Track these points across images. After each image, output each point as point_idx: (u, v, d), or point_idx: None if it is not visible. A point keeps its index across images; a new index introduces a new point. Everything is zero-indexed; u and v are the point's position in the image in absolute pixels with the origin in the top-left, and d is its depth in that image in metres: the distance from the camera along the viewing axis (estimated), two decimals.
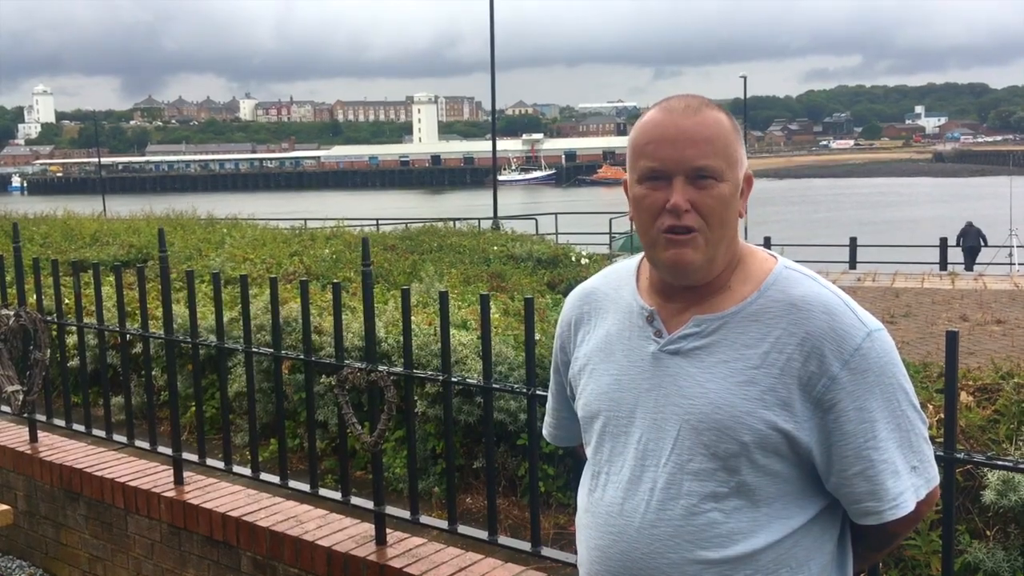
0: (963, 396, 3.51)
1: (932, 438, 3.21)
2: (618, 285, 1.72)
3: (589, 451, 1.72)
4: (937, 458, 2.25)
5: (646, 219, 1.56)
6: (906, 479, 1.54)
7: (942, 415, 3.32)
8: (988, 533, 3.04)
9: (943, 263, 18.49)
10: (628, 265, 1.75)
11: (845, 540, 1.65)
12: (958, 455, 2.18)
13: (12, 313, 4.49)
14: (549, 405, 1.95)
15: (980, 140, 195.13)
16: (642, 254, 1.71)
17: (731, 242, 1.58)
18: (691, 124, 1.52)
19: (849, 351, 1.50)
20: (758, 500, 1.53)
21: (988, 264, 19.40)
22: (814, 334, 1.51)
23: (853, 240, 19.14)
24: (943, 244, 18.90)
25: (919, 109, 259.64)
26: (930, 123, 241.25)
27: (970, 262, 20.82)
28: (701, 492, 1.53)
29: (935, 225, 31.36)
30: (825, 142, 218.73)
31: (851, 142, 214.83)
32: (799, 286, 1.56)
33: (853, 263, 18.75)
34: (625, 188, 1.63)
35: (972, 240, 21.54)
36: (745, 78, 41.97)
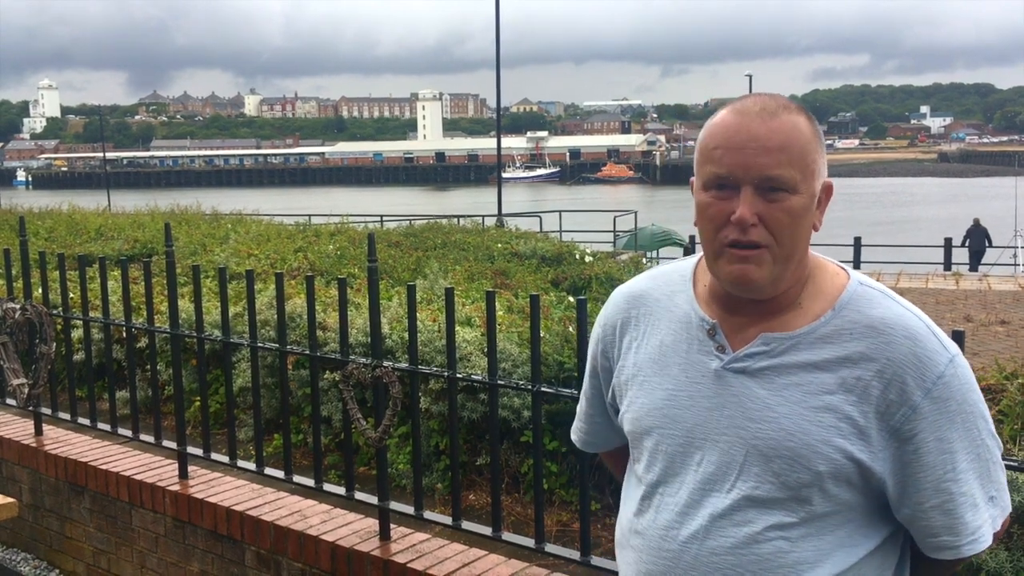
0: None
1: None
2: (671, 291, 1.60)
3: (639, 468, 1.61)
4: None
5: (709, 229, 1.44)
6: (984, 512, 1.47)
7: None
8: None
9: (947, 263, 18.48)
10: (682, 268, 1.63)
11: (904, 567, 1.58)
12: None
13: (18, 307, 4.51)
14: (582, 409, 1.82)
15: (985, 140, 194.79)
16: (696, 257, 1.62)
17: (802, 257, 1.46)
18: (765, 130, 1.40)
19: (932, 379, 1.40)
20: (824, 528, 1.45)
21: (993, 265, 19.36)
22: (896, 360, 1.40)
23: (857, 240, 19.13)
24: (947, 244, 18.88)
25: (924, 109, 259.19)
26: (935, 123, 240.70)
27: (975, 263, 20.79)
28: (767, 522, 1.44)
29: (939, 225, 31.31)
30: (830, 141, 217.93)
31: (856, 142, 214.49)
32: (878, 306, 1.45)
33: (857, 263, 18.74)
34: (693, 189, 1.51)
35: (978, 240, 21.50)
36: (750, 77, 41.91)
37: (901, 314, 1.45)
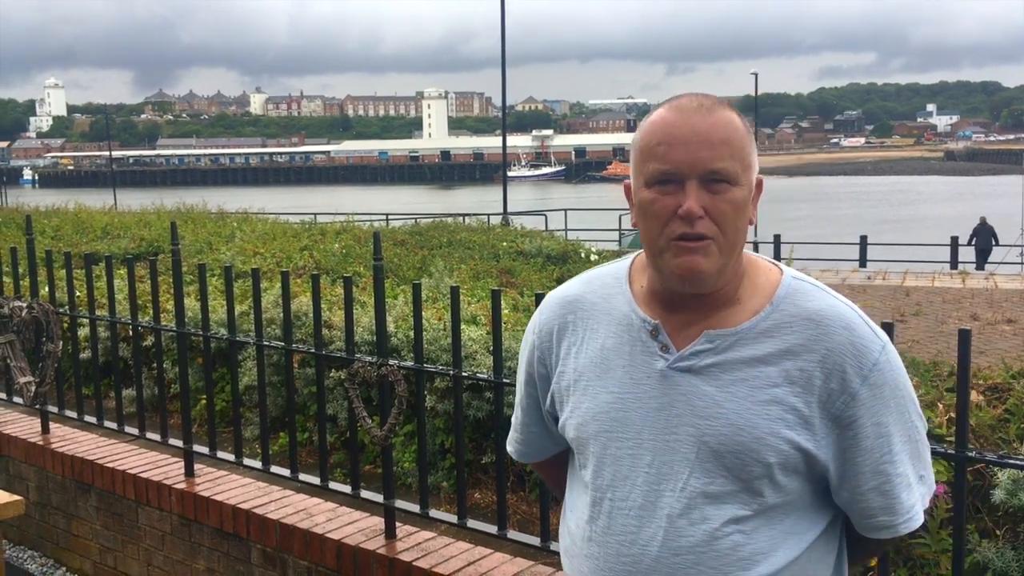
0: (973, 395, 3.50)
1: (943, 437, 3.21)
2: (607, 293, 1.60)
3: (586, 474, 1.60)
4: (948, 457, 2.26)
5: (654, 226, 1.45)
6: (916, 491, 1.53)
7: (952, 414, 3.32)
8: (997, 532, 3.03)
9: (954, 262, 18.44)
10: (615, 271, 1.63)
11: (843, 550, 1.63)
12: (970, 454, 2.18)
13: (25, 305, 4.52)
14: (517, 419, 1.79)
15: (992, 139, 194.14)
16: (629, 258, 1.64)
17: (741, 251, 1.49)
18: (706, 125, 1.43)
19: (868, 367, 1.45)
20: (775, 518, 1.49)
21: (999, 263, 19.32)
22: (835, 350, 1.45)
23: (863, 238, 19.09)
24: (954, 243, 18.84)
25: (931, 107, 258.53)
26: (942, 121, 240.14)
27: (981, 261, 20.75)
28: (723, 515, 1.47)
29: (946, 224, 31.23)
30: (836, 140, 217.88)
31: (862, 140, 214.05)
32: (813, 299, 1.49)
33: (863, 261, 18.70)
34: (627, 192, 1.54)
35: (984, 238, 21.46)
36: (756, 75, 41.86)
37: (835, 305, 1.49)
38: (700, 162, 1.42)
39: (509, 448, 1.86)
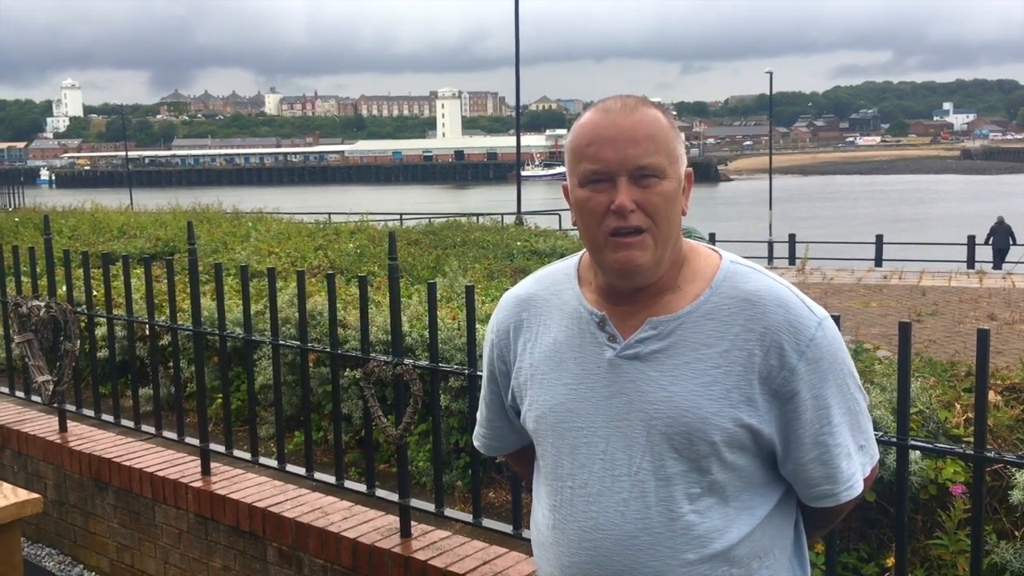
0: (991, 395, 3.48)
1: (960, 437, 3.19)
2: (557, 290, 1.67)
3: (545, 465, 1.66)
4: (967, 457, 2.24)
5: (591, 222, 1.52)
6: (856, 460, 1.58)
7: (970, 414, 3.30)
8: (1016, 533, 3.01)
9: (971, 261, 18.32)
10: (565, 268, 1.70)
11: (800, 524, 1.68)
12: (988, 454, 2.16)
13: (43, 304, 4.55)
14: (482, 415, 1.88)
15: (1009, 137, 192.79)
16: (577, 255, 1.70)
17: (676, 240, 1.56)
18: (630, 123, 1.49)
19: (805, 342, 1.50)
20: (727, 496, 1.54)
21: (1017, 263, 19.17)
22: (772, 328, 1.50)
23: (879, 238, 19.01)
24: (971, 242, 18.72)
25: (947, 106, 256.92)
26: (958, 120, 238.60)
27: (999, 260, 20.61)
28: (675, 496, 1.52)
29: (963, 223, 31.02)
30: (851, 139, 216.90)
31: (878, 139, 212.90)
32: (750, 281, 1.55)
33: (879, 261, 18.61)
34: (565, 193, 1.60)
35: (1002, 237, 21.32)
36: (771, 74, 41.70)
37: (771, 285, 1.55)
38: (628, 159, 1.48)
39: (476, 443, 1.93)
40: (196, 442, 4.14)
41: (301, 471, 3.75)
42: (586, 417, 1.58)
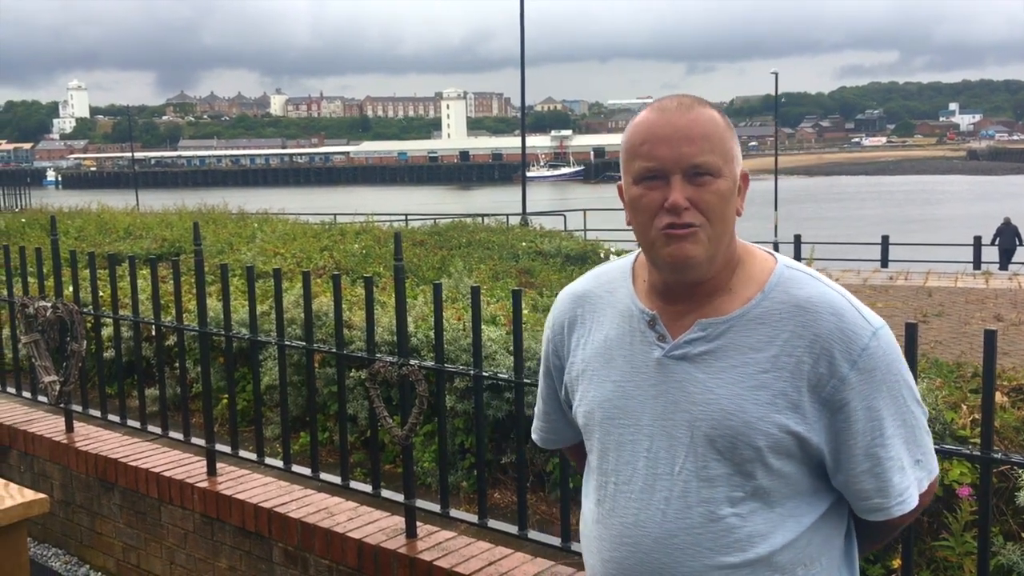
0: (998, 396, 3.47)
1: (966, 439, 3.18)
2: (612, 288, 1.69)
3: (593, 459, 1.69)
4: (973, 458, 2.24)
5: (644, 220, 1.53)
6: (910, 474, 1.55)
7: (976, 415, 3.29)
8: (1022, 535, 3.00)
9: (977, 262, 18.28)
10: (620, 266, 1.72)
11: (851, 534, 1.66)
12: (995, 455, 2.16)
13: (49, 305, 4.57)
14: (539, 409, 1.91)
15: (1015, 138, 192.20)
16: (634, 254, 1.71)
17: (730, 241, 1.56)
18: (686, 121, 1.50)
19: (857, 351, 1.48)
20: (772, 501, 1.53)
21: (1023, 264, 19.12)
22: (823, 336, 1.49)
23: (885, 238, 18.98)
24: (977, 243, 18.68)
25: (953, 106, 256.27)
26: (964, 120, 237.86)
27: (1005, 261, 20.55)
28: (717, 498, 1.52)
29: (969, 224, 30.94)
30: (857, 139, 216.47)
31: (883, 139, 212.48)
32: (804, 287, 1.54)
33: (885, 261, 18.58)
34: (620, 192, 1.61)
35: (1008, 238, 21.27)
36: (776, 74, 41.63)
37: (824, 292, 1.53)
38: (683, 157, 1.49)
39: (534, 436, 1.95)
40: (202, 442, 4.14)
41: (307, 471, 3.76)
42: (633, 414, 1.59)
